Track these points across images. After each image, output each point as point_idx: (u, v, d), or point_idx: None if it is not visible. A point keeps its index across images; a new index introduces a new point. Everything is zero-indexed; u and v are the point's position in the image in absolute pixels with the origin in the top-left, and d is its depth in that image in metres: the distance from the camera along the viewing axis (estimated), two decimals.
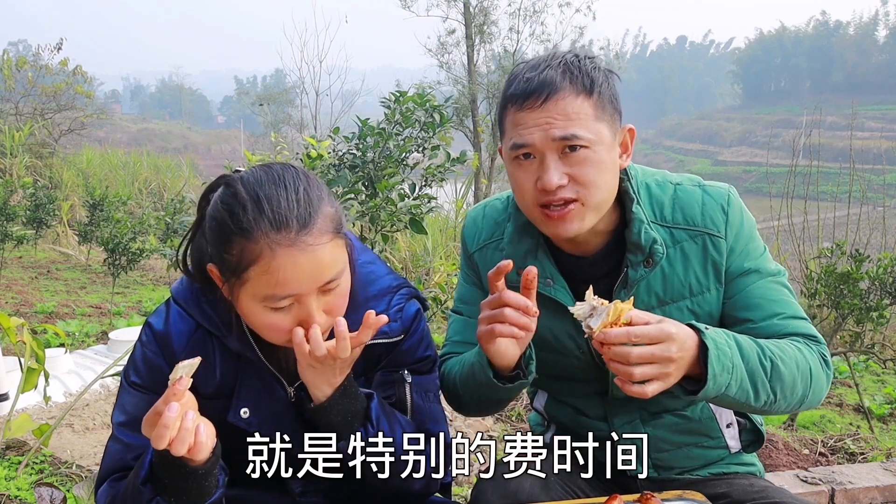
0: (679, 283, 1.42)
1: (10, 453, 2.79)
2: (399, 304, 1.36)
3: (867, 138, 18.77)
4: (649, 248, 1.39)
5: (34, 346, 2.44)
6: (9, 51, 15.09)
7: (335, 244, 1.19)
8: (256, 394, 1.30)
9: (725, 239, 1.41)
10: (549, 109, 1.31)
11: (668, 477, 1.54)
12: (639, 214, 1.41)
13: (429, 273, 7.24)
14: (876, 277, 3.62)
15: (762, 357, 1.27)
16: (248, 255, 1.13)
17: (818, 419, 3.74)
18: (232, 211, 1.15)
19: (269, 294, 1.15)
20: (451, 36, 15.39)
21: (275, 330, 1.19)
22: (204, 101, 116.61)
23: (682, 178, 1.51)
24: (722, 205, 1.43)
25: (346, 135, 3.83)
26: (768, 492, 1.42)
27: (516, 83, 1.36)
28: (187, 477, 1.13)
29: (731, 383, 1.23)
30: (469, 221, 1.64)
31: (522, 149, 1.34)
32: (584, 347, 1.48)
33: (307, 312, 1.18)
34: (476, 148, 13.66)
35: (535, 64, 1.37)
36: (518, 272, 1.44)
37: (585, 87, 1.33)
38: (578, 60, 1.35)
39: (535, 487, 1.34)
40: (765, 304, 1.40)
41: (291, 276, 1.14)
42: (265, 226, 1.13)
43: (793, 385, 1.30)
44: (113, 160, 15.66)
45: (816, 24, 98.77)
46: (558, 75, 1.32)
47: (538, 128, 1.31)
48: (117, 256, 6.11)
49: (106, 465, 1.29)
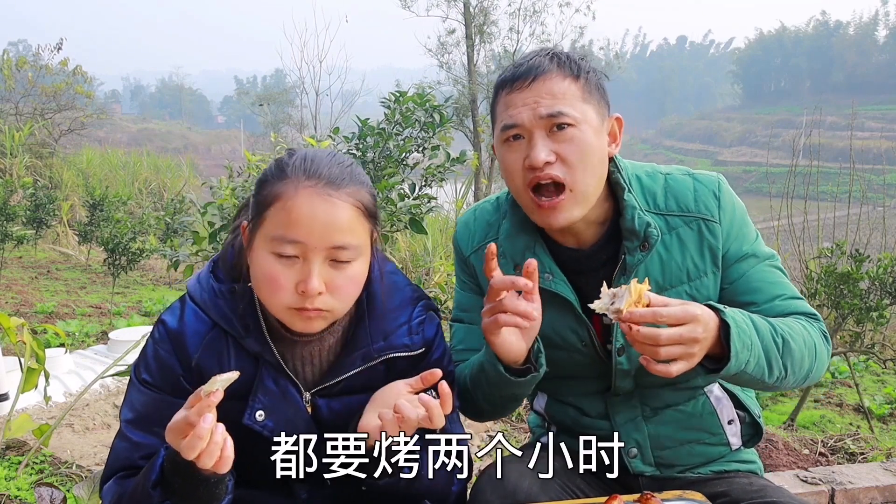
0: (677, 269, 1.44)
1: (10, 453, 2.79)
2: (420, 316, 1.37)
3: (867, 138, 18.78)
4: (643, 231, 1.41)
5: (34, 346, 2.44)
6: (9, 51, 15.07)
7: (357, 217, 1.22)
8: (272, 397, 1.29)
9: (720, 223, 1.44)
10: (536, 89, 1.36)
11: (669, 475, 1.54)
12: (631, 202, 1.43)
13: (429, 273, 7.24)
14: (876, 277, 3.62)
15: (774, 334, 1.31)
16: (274, 192, 1.20)
17: (818, 419, 3.74)
18: (280, 161, 1.25)
19: (279, 234, 1.18)
20: (451, 36, 15.41)
21: (273, 283, 1.19)
22: (204, 101, 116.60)
23: (671, 168, 1.54)
24: (713, 191, 1.46)
25: (346, 135, 3.83)
26: (766, 491, 1.42)
27: (507, 70, 1.43)
28: (199, 484, 1.13)
29: (749, 360, 1.25)
30: (461, 227, 1.64)
31: (512, 129, 1.38)
32: (588, 340, 1.48)
33: (307, 272, 1.18)
34: (476, 148, 13.65)
35: (526, 56, 1.44)
36: (517, 268, 1.45)
37: (572, 71, 1.38)
38: (566, 53, 1.42)
39: (534, 487, 1.34)
40: (766, 286, 1.44)
41: (304, 219, 1.17)
42: (300, 172, 1.21)
43: (801, 360, 1.34)
44: (113, 160, 15.66)
45: (816, 24, 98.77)
46: (546, 60, 1.38)
47: (526, 107, 1.36)
48: (117, 256, 6.12)
49: (112, 462, 1.27)
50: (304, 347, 1.31)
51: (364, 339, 1.31)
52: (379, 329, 1.32)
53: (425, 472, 1.24)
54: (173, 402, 1.25)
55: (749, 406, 1.57)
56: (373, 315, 1.32)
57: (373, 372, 1.32)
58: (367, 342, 1.31)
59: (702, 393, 1.53)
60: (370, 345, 1.31)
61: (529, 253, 1.48)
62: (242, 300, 1.28)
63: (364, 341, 1.31)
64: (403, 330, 1.34)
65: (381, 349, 1.32)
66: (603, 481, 1.54)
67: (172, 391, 1.26)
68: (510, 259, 1.51)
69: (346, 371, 1.31)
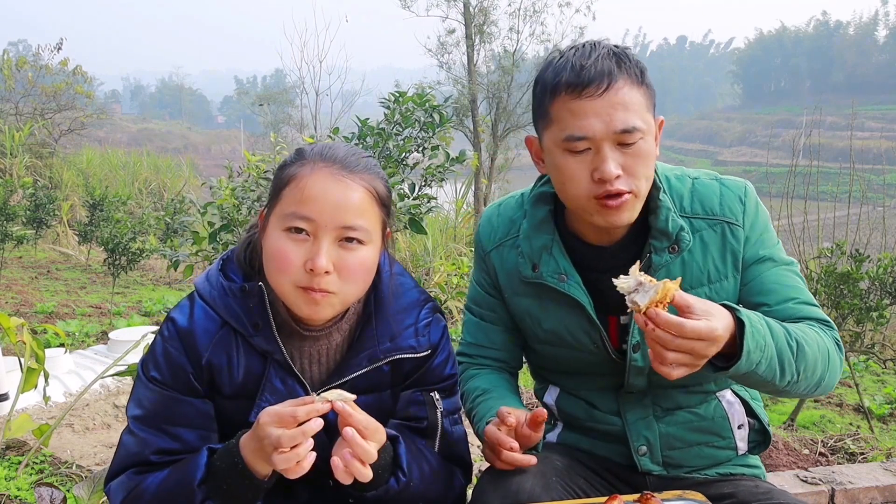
0: (698, 271, 1.44)
1: (10, 453, 2.79)
2: (427, 318, 1.37)
3: (867, 138, 18.78)
4: (676, 234, 1.41)
5: (34, 346, 2.43)
6: (9, 51, 15.07)
7: (369, 200, 1.25)
8: (280, 396, 1.28)
9: (743, 227, 1.44)
10: (609, 99, 1.28)
11: (676, 475, 1.54)
12: (666, 202, 1.42)
13: (429, 273, 7.25)
14: (876, 277, 3.62)
15: (789, 337, 1.29)
16: (290, 173, 1.25)
17: (818, 419, 3.74)
18: (300, 149, 1.30)
19: (292, 211, 1.21)
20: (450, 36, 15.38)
21: (283, 260, 1.21)
22: (204, 101, 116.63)
23: (699, 172, 1.53)
24: (739, 196, 1.46)
25: (345, 135, 3.83)
26: (773, 494, 1.42)
27: (569, 71, 1.30)
28: (250, 487, 1.15)
29: (761, 361, 1.24)
30: (484, 221, 1.64)
31: (581, 141, 1.31)
32: (599, 342, 1.48)
33: (316, 250, 1.19)
34: (476, 148, 13.66)
35: (582, 52, 1.32)
36: (535, 268, 1.47)
37: (638, 77, 1.32)
38: (623, 50, 1.34)
39: (536, 487, 1.34)
40: (780, 288, 1.42)
41: (317, 197, 1.20)
42: (317, 155, 1.26)
43: (814, 366, 1.32)
44: (113, 160, 15.67)
45: (816, 24, 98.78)
46: (613, 63, 1.30)
47: (598, 118, 1.29)
48: (117, 256, 6.12)
49: (123, 458, 1.27)
50: (312, 346, 1.31)
51: (371, 339, 1.32)
52: (386, 330, 1.32)
53: (416, 483, 1.24)
54: (182, 400, 1.26)
55: (759, 413, 1.58)
56: (380, 316, 1.32)
57: (378, 373, 1.33)
58: (373, 343, 1.32)
59: (714, 397, 1.53)
60: (376, 346, 1.31)
61: (546, 252, 1.48)
62: (253, 298, 1.28)
63: (370, 342, 1.32)
64: (410, 332, 1.34)
65: (388, 350, 1.32)
66: (606, 481, 1.54)
67: (182, 389, 1.26)
68: (528, 258, 1.50)
69: (352, 371, 1.31)
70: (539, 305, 1.52)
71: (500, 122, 14.55)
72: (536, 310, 1.53)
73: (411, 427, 1.35)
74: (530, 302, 1.53)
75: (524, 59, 15.60)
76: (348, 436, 1.12)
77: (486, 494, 1.35)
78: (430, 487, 1.29)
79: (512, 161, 15.16)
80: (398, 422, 1.35)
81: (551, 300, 1.49)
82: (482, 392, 1.53)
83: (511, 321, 1.61)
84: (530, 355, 1.67)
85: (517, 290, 1.55)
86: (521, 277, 1.52)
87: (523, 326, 1.59)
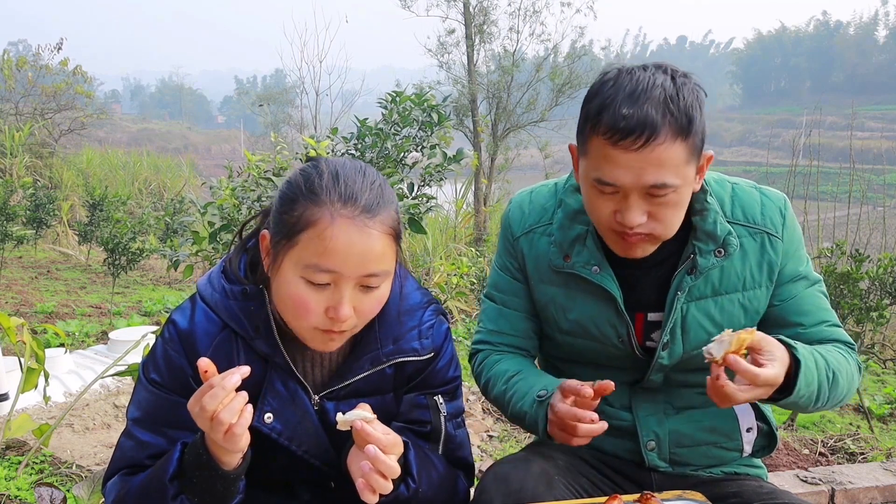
0: (735, 277, 1.45)
1: (10, 453, 2.78)
2: (430, 321, 1.36)
3: (867, 138, 18.75)
4: (724, 238, 1.43)
5: (34, 346, 2.43)
6: (9, 51, 15.05)
7: (389, 244, 1.19)
8: (281, 399, 1.28)
9: (782, 240, 1.46)
10: (645, 155, 1.25)
11: (681, 473, 1.55)
12: (713, 205, 1.44)
13: (429, 273, 7.24)
14: (876, 277, 3.62)
15: (827, 369, 1.35)
16: (308, 216, 1.15)
17: (818, 419, 3.74)
18: (308, 177, 1.19)
19: (313, 263, 1.14)
20: (450, 36, 15.34)
21: (302, 307, 1.17)
22: (204, 101, 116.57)
23: (737, 179, 1.55)
24: (780, 208, 1.48)
25: (344, 135, 3.83)
26: (776, 494, 1.44)
27: (612, 114, 1.26)
28: (217, 479, 1.13)
29: (805, 395, 1.30)
30: (514, 206, 1.63)
31: (609, 186, 1.31)
32: (625, 337, 1.49)
33: (339, 299, 1.16)
34: (476, 148, 13.65)
35: (633, 91, 1.26)
36: (566, 258, 1.49)
37: (683, 129, 1.26)
38: (677, 91, 1.27)
39: (539, 486, 1.34)
40: (815, 311, 1.48)
41: (341, 250, 1.13)
42: (334, 196, 1.15)
43: (842, 392, 1.40)
44: (113, 160, 15.67)
45: (816, 24, 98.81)
46: (658, 114, 1.24)
47: (630, 171, 1.27)
48: (117, 256, 6.12)
49: (118, 460, 1.27)
50: (313, 350, 1.30)
51: (373, 342, 1.31)
52: (389, 333, 1.31)
53: (424, 489, 1.24)
54: (181, 403, 1.24)
55: (769, 418, 1.60)
56: (383, 319, 1.31)
57: (381, 375, 1.32)
58: (376, 346, 1.31)
59: None
60: (379, 349, 1.30)
61: (580, 243, 1.49)
62: (254, 301, 1.26)
63: (373, 345, 1.31)
64: (413, 334, 1.33)
65: (390, 353, 1.31)
66: (609, 479, 1.54)
67: (181, 392, 1.25)
68: (560, 248, 1.51)
69: (354, 374, 1.30)
70: (566, 294, 1.52)
71: (500, 122, 14.52)
72: (563, 299, 1.53)
73: (415, 431, 1.34)
74: (557, 291, 1.53)
75: (524, 58, 15.57)
76: (371, 454, 1.11)
77: (489, 494, 1.35)
78: (437, 493, 1.28)
79: (512, 161, 15.13)
80: (401, 425, 1.34)
81: (580, 290, 1.50)
82: (515, 372, 1.52)
83: (532, 308, 1.60)
84: (546, 344, 1.66)
85: (544, 278, 1.55)
86: (550, 265, 1.52)
87: (546, 315, 1.58)
